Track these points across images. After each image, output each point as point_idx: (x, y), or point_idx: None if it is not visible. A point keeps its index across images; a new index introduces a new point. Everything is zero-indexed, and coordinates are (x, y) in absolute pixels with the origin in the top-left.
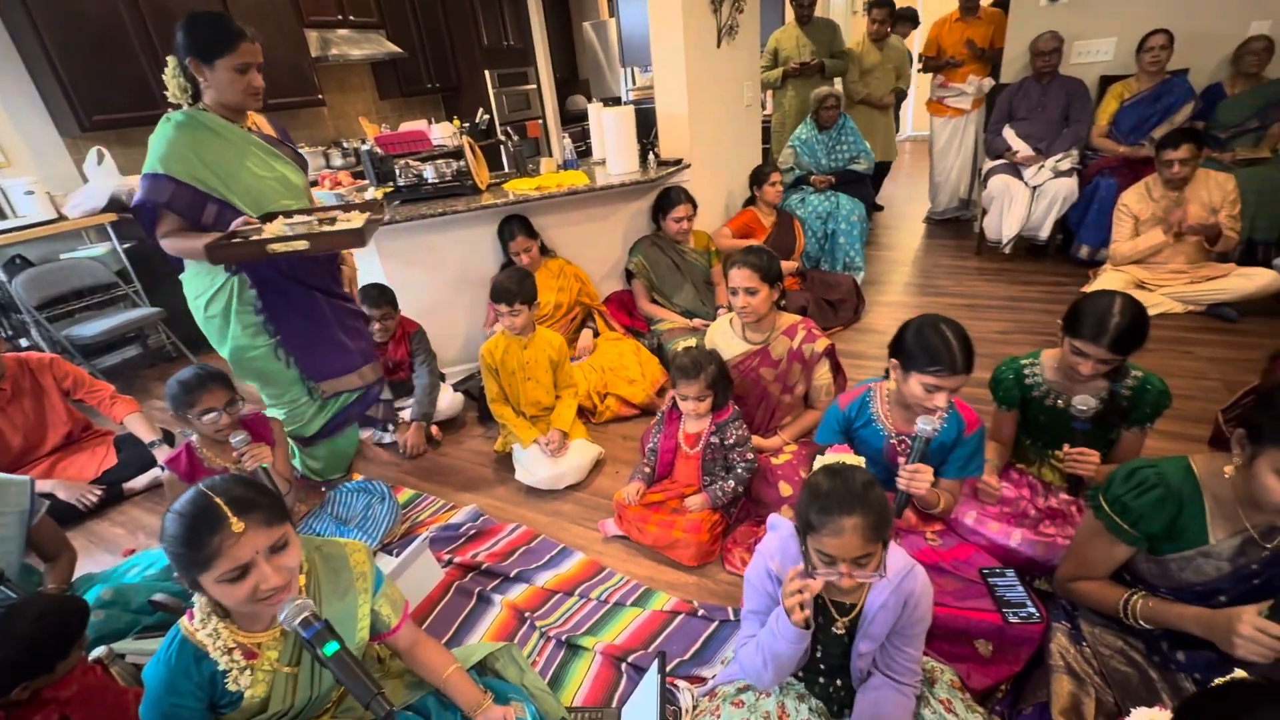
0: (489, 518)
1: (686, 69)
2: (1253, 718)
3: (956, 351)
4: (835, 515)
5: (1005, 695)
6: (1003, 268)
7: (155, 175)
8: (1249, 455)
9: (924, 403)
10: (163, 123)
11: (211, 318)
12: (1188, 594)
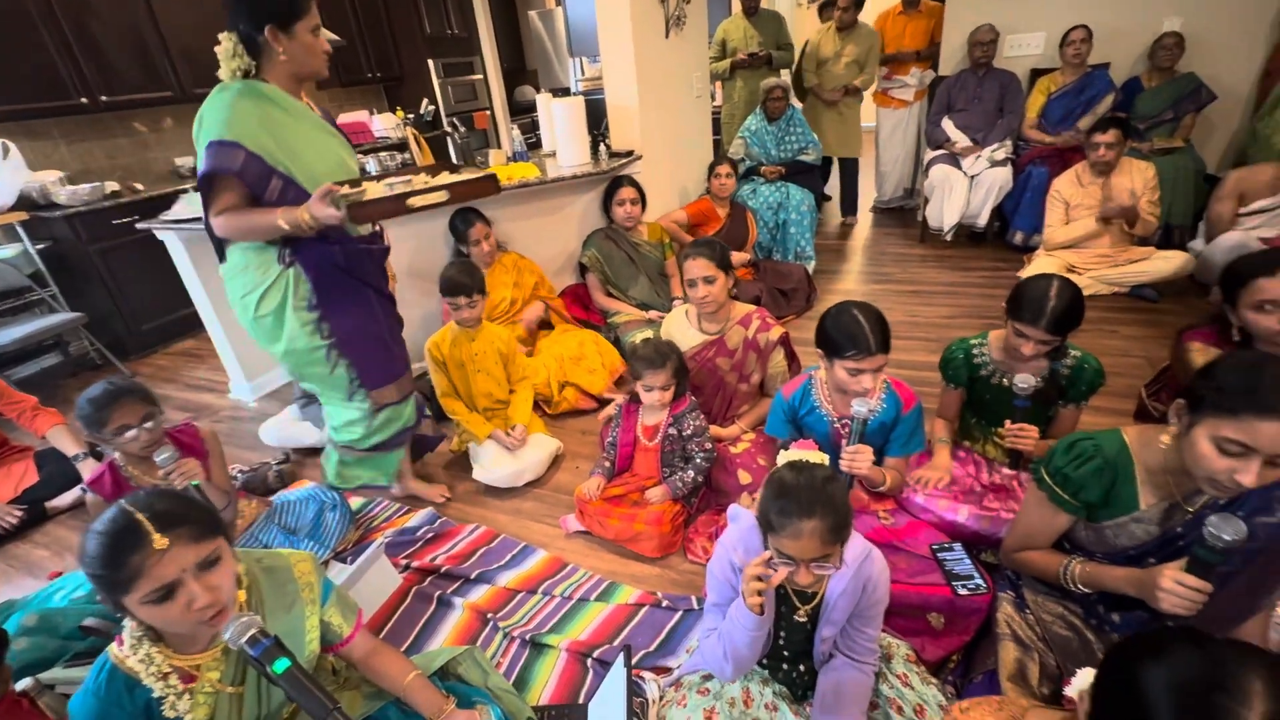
0: (447, 520)
1: (635, 59)
2: (1168, 655)
3: (870, 334)
4: (795, 518)
5: (957, 665)
6: (945, 254)
7: (223, 142)
8: (1186, 424)
9: (852, 386)
10: (219, 91)
11: (262, 317)
12: (1121, 558)
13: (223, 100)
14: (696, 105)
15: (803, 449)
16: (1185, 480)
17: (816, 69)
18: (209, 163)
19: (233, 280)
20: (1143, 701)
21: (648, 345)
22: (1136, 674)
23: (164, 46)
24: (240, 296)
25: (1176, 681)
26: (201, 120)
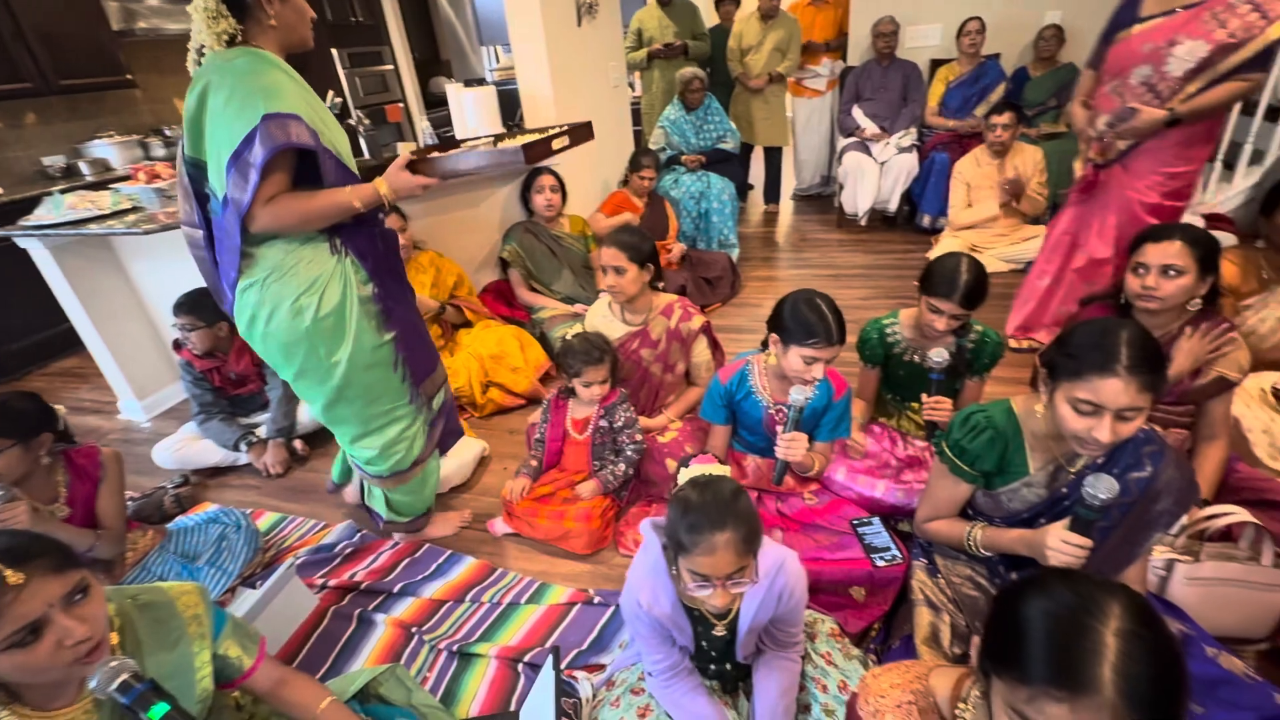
0: (367, 533)
1: (547, 48)
2: (1043, 589)
3: (832, 324)
4: (707, 533)
5: (878, 633)
6: (860, 238)
7: (280, 115)
8: (1050, 391)
9: (803, 374)
10: (231, 61)
11: (324, 319)
12: (1015, 520)
13: (247, 67)
14: (614, 95)
15: (702, 464)
16: (1064, 443)
17: (741, 58)
18: (266, 140)
19: (287, 284)
20: (1022, 628)
21: (583, 341)
22: (1018, 607)
23: (19, 32)
24: (293, 300)
25: (1048, 608)
26: (222, 94)
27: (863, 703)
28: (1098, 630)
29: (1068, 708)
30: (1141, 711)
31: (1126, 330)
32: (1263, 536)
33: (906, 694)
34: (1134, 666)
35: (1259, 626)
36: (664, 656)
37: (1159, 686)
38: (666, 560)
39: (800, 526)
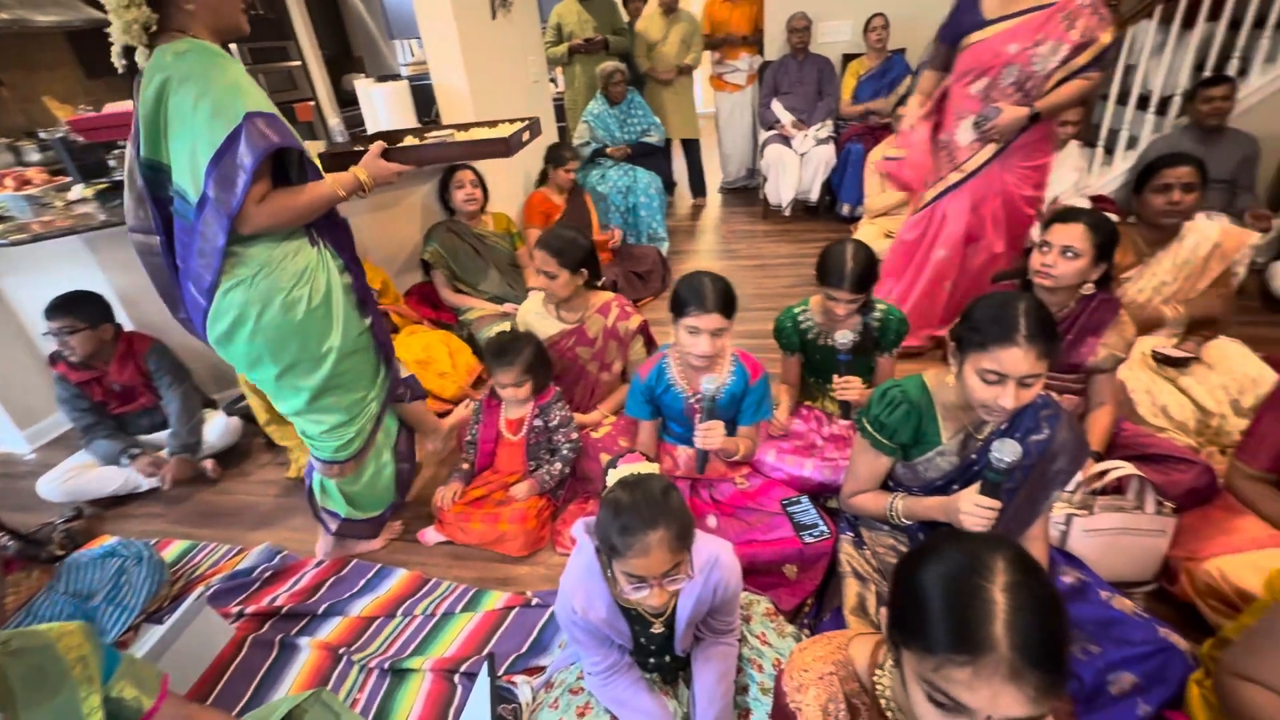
0: (289, 554)
1: (460, 41)
2: (937, 554)
3: (708, 292)
4: (639, 533)
5: (811, 608)
6: (785, 229)
7: (263, 114)
8: (959, 363)
9: (690, 349)
10: (179, 58)
11: (315, 310)
12: (931, 488)
13: (202, 59)
14: (535, 90)
15: (630, 464)
16: (972, 413)
17: (648, 53)
18: (255, 141)
19: (264, 282)
20: (921, 599)
21: (499, 339)
22: (915, 577)
23: None
24: (284, 297)
25: (942, 571)
26: (189, 91)
27: (787, 678)
28: (987, 589)
29: (970, 670)
30: (1032, 659)
31: (1023, 302)
32: (1145, 487)
33: (828, 665)
34: (1022, 618)
35: (1146, 570)
36: (602, 658)
37: (1045, 633)
38: (601, 564)
39: (733, 511)
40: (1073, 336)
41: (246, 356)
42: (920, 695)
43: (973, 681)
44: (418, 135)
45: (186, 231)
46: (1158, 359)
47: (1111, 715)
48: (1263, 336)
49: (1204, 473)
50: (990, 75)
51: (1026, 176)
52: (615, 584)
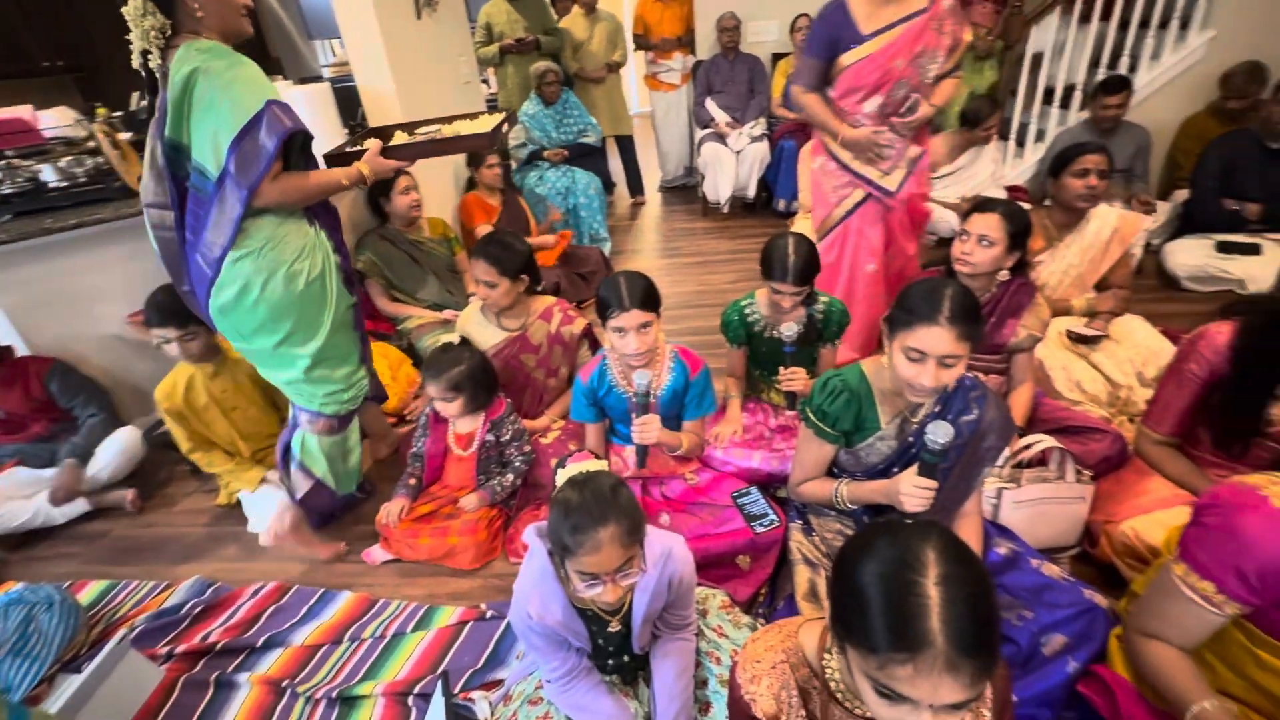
0: (222, 585)
1: (385, 42)
2: (870, 551)
3: (624, 290)
4: (590, 530)
5: (765, 597)
6: (724, 225)
7: (278, 102)
8: (890, 343)
9: (621, 350)
10: (203, 52)
11: (313, 283)
12: (873, 472)
13: (226, 60)
14: (466, 91)
15: (579, 462)
16: (905, 395)
17: (574, 53)
18: (275, 124)
19: (271, 254)
20: (858, 594)
21: (434, 353)
22: (853, 575)
23: None
24: (288, 269)
25: (878, 570)
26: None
27: (741, 670)
28: (921, 585)
29: (911, 668)
30: (967, 649)
31: (950, 288)
32: (1065, 458)
33: (779, 654)
34: (955, 611)
35: (1070, 535)
36: (560, 662)
37: (977, 623)
38: (554, 566)
39: (685, 507)
40: (995, 319)
41: (247, 324)
42: (867, 688)
43: (914, 678)
44: (408, 130)
45: (202, 205)
46: (1072, 337)
47: (1045, 675)
48: (1161, 312)
49: (1116, 441)
50: (883, 92)
51: (921, 182)
52: (569, 584)
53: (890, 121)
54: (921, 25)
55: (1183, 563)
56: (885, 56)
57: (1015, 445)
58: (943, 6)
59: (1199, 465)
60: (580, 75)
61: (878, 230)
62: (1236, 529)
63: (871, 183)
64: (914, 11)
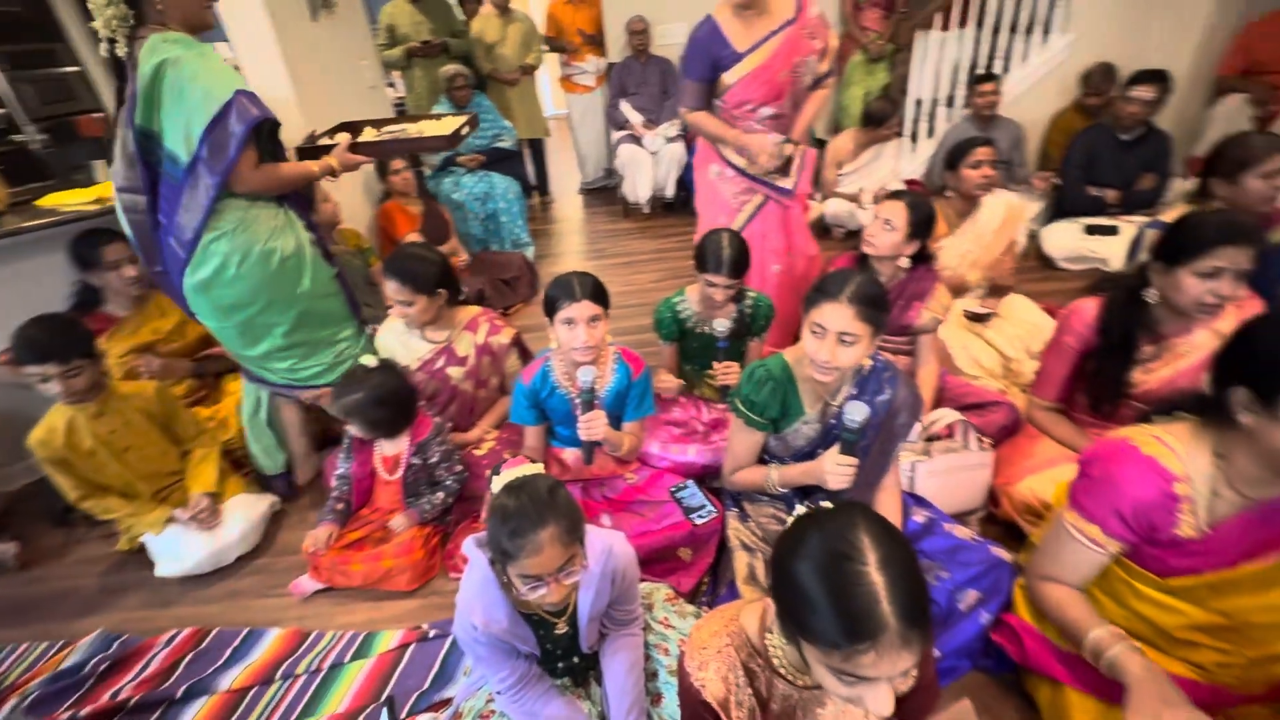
0: (130, 637)
1: (280, 46)
2: (803, 547)
3: (576, 283)
4: (529, 533)
5: (708, 586)
6: (647, 225)
7: (247, 92)
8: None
9: (571, 344)
10: (171, 43)
11: (286, 260)
12: (800, 455)
13: (194, 51)
14: (372, 96)
15: (514, 467)
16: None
17: (487, 55)
18: (244, 114)
19: (243, 235)
20: (807, 595)
21: (339, 382)
22: (795, 574)
23: None
24: (262, 247)
25: (816, 566)
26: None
27: (688, 659)
28: (865, 573)
29: (874, 654)
30: (913, 620)
31: (859, 275)
32: (968, 429)
33: (724, 639)
34: (899, 590)
35: (976, 499)
36: (510, 672)
37: (916, 593)
38: (495, 574)
39: (626, 505)
40: (902, 302)
41: (226, 298)
42: (826, 675)
43: (878, 661)
44: (376, 126)
45: (174, 190)
46: (968, 316)
47: (962, 628)
48: (1042, 290)
49: (1010, 411)
50: (775, 104)
51: (806, 180)
52: (513, 590)
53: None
54: (794, 35)
55: (1072, 511)
56: (767, 70)
57: (925, 419)
58: (810, 15)
59: (1080, 426)
60: (494, 77)
61: (780, 233)
62: (1114, 476)
63: (770, 185)
64: (783, 23)
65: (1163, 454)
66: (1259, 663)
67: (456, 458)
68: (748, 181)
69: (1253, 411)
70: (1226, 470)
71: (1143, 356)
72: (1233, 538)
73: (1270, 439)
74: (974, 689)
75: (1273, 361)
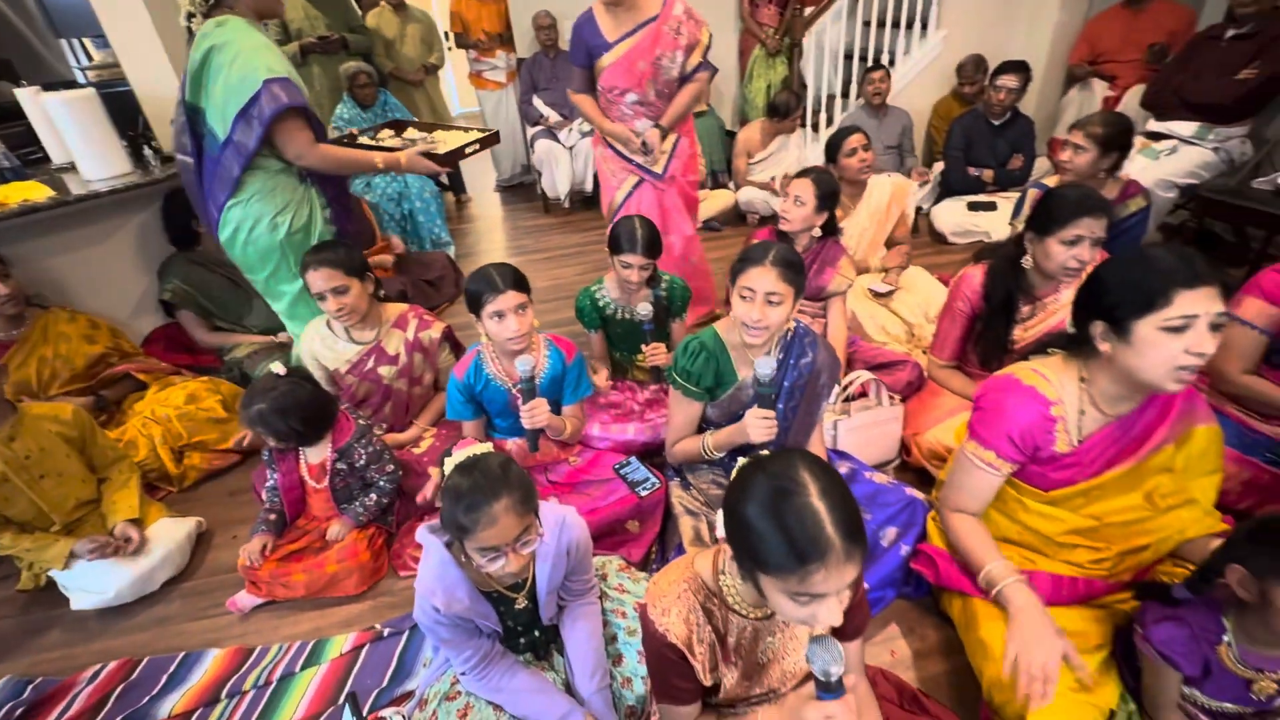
0: (46, 679)
1: (162, 40)
2: (750, 489)
3: (496, 275)
4: (484, 505)
5: (657, 554)
6: (568, 219)
7: (278, 79)
8: (732, 293)
9: (501, 335)
10: (223, 29)
11: (294, 234)
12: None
13: (253, 38)
14: None
15: (464, 448)
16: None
17: (387, 52)
18: (293, 96)
19: (263, 202)
20: (761, 532)
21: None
22: (744, 516)
23: None
24: (270, 217)
25: (763, 505)
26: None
27: (651, 607)
28: (809, 503)
29: (824, 571)
30: (854, 537)
31: (778, 244)
32: (880, 387)
33: (681, 584)
34: (839, 513)
35: (891, 450)
36: (473, 651)
37: (853, 515)
38: (453, 555)
39: (572, 487)
40: (816, 268)
41: (242, 260)
42: (782, 600)
43: (828, 578)
44: (424, 129)
45: (212, 161)
46: (873, 293)
47: (885, 561)
48: (935, 263)
49: (914, 369)
50: (638, 91)
51: (689, 166)
52: (471, 567)
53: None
54: (655, 30)
55: (971, 441)
56: (629, 60)
57: (843, 380)
58: (674, 12)
59: (973, 379)
60: (396, 75)
61: (655, 212)
62: (1002, 405)
63: (641, 167)
64: (648, 18)
65: (1039, 383)
66: (1123, 555)
67: (387, 457)
68: (623, 161)
69: (1108, 339)
70: (1091, 392)
71: (1021, 316)
72: (1098, 449)
73: (1124, 360)
74: (899, 614)
75: (1120, 295)
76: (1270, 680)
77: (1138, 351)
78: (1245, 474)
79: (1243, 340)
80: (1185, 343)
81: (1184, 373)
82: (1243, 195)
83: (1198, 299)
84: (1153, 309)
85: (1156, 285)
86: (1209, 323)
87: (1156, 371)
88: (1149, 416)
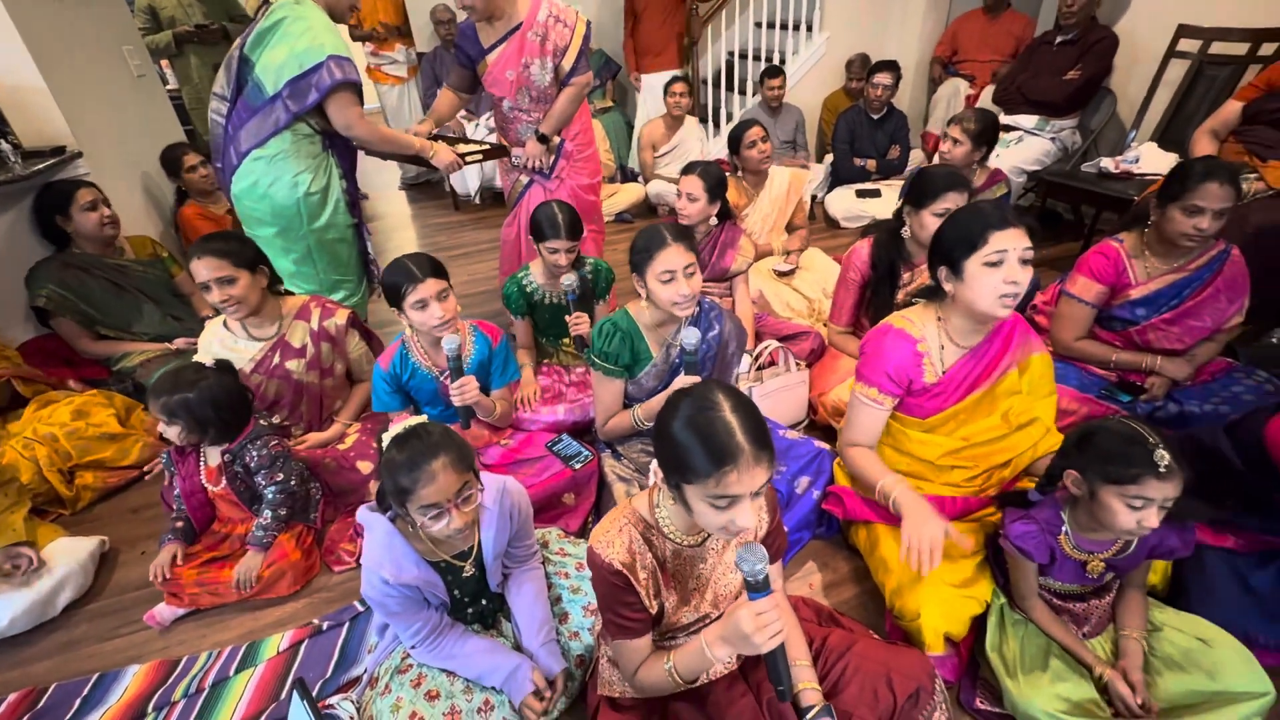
0: None
1: (18, 28)
2: (674, 409)
3: (412, 265)
4: (423, 465)
5: (593, 523)
6: (480, 216)
7: (337, 56)
8: (644, 283)
9: (427, 323)
10: (299, 6)
11: (312, 195)
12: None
13: (325, 20)
14: (142, 86)
15: (400, 422)
16: (665, 328)
17: None
18: (348, 73)
19: (286, 163)
20: (683, 444)
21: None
22: (672, 432)
23: None
24: (292, 176)
25: (686, 419)
26: (299, 27)
27: (595, 545)
28: (723, 417)
29: (736, 473)
30: (761, 443)
31: (666, 223)
32: (787, 355)
33: (622, 520)
34: (748, 423)
35: (800, 411)
36: (423, 623)
37: (760, 426)
38: (398, 528)
39: (506, 468)
40: (717, 252)
41: (252, 213)
42: (705, 508)
43: (740, 479)
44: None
45: (248, 110)
46: (777, 273)
47: (799, 506)
48: (831, 245)
49: (816, 338)
50: (510, 96)
51: (581, 168)
52: (417, 538)
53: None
54: (520, 39)
55: (859, 382)
56: (499, 68)
57: (754, 349)
58: (538, 18)
59: None
60: None
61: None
62: (879, 348)
63: (531, 168)
64: (513, 27)
65: (907, 325)
66: (990, 472)
67: (279, 465)
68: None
69: (950, 280)
70: (947, 329)
71: (903, 282)
72: (959, 378)
73: (963, 295)
74: (814, 552)
75: (954, 242)
76: (1099, 560)
77: (969, 286)
78: (1084, 409)
79: (1075, 312)
80: (1002, 274)
81: (1006, 299)
82: (1074, 178)
83: (1007, 237)
84: (975, 249)
85: (976, 229)
86: (1018, 257)
87: (986, 300)
88: (995, 346)
